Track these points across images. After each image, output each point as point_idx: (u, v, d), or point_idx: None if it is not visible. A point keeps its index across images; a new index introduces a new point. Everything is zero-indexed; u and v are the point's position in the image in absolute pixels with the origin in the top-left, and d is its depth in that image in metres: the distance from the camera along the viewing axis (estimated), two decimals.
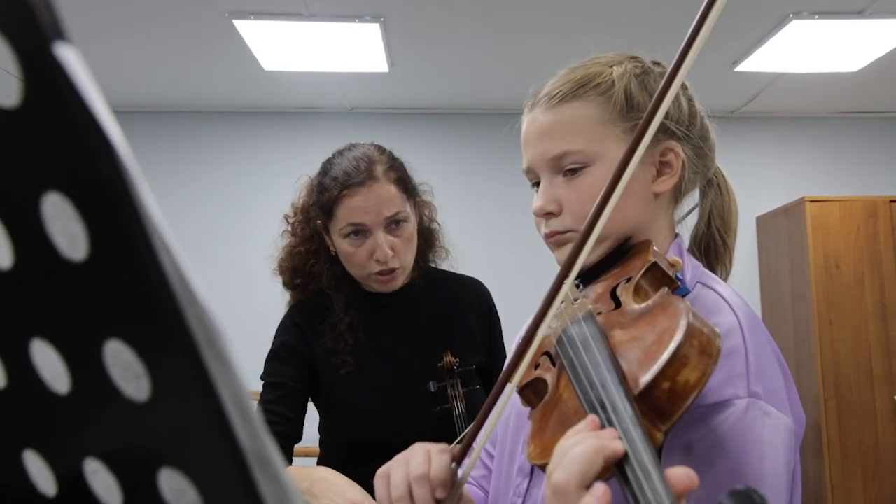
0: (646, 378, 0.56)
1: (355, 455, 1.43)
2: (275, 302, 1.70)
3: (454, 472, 0.76)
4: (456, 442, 0.79)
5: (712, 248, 0.94)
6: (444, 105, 4.42)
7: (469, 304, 1.60)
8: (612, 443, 0.53)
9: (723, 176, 0.95)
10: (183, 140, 4.39)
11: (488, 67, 3.82)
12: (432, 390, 1.41)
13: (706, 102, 0.95)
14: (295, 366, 1.48)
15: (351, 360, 1.46)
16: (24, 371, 0.31)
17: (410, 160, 1.62)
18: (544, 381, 0.70)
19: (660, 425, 0.56)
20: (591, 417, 0.57)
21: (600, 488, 0.51)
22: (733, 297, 0.80)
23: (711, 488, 0.65)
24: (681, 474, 0.50)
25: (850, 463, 3.68)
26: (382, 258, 1.40)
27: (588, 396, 0.59)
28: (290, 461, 1.45)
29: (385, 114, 4.47)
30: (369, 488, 1.30)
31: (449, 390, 1.41)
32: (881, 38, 3.43)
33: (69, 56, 0.20)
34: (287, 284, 1.60)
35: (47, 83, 0.21)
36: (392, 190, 1.42)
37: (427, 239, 1.59)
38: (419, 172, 1.63)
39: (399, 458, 0.79)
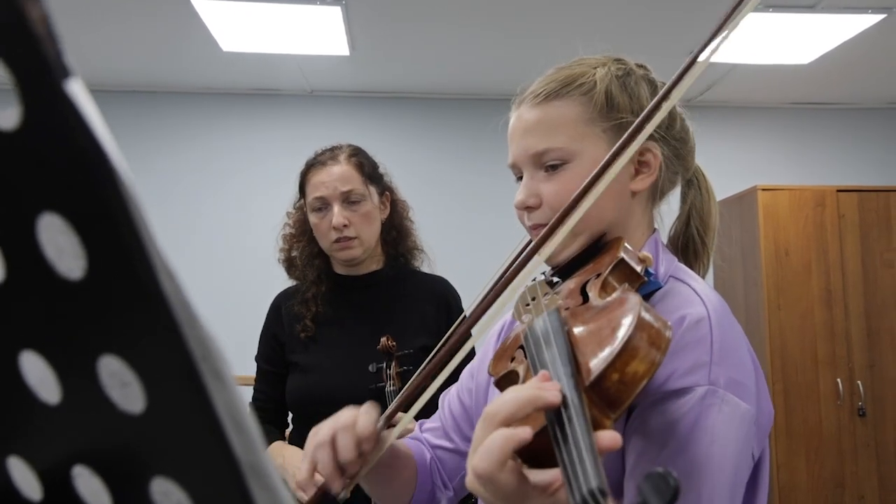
0: (596, 370, 0.59)
1: (304, 416, 1.65)
2: (221, 283, 1.78)
3: (380, 429, 0.80)
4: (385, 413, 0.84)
5: (690, 247, 0.96)
6: (405, 90, 4.40)
7: (427, 295, 1.72)
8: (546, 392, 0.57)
9: (703, 176, 0.97)
10: (139, 120, 4.29)
11: (450, 53, 3.82)
12: (371, 371, 1.55)
13: None
14: (271, 347, 1.71)
15: (311, 326, 1.65)
16: (11, 381, 0.32)
17: (370, 144, 1.77)
18: (517, 373, 0.73)
19: (609, 413, 0.59)
20: (542, 373, 0.62)
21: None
22: (705, 290, 0.82)
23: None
24: (607, 437, 0.54)
25: (795, 443, 3.82)
26: (337, 225, 1.60)
27: None
28: (278, 427, 1.71)
29: (345, 97, 4.43)
30: None
31: (385, 370, 1.53)
32: (831, 32, 3.52)
33: (78, 91, 0.21)
34: (286, 270, 1.80)
35: (53, 113, 0.22)
36: (349, 170, 1.64)
37: (399, 232, 1.76)
38: (378, 157, 1.77)
39: (328, 420, 0.83)
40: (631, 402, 0.59)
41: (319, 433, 0.80)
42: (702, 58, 0.69)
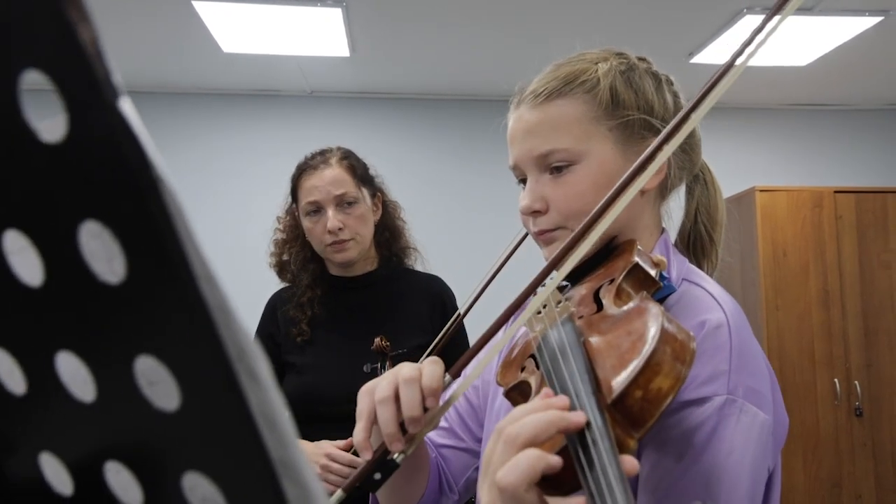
0: (619, 387, 0.55)
1: (299, 416, 1.63)
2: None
3: (447, 383, 0.72)
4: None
5: (699, 244, 0.94)
6: (405, 91, 4.42)
7: (422, 294, 1.73)
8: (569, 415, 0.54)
9: (709, 171, 0.95)
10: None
11: (450, 53, 3.84)
12: (366, 371, 1.55)
13: None
14: (266, 346, 1.69)
15: (307, 330, 1.66)
16: (46, 379, 0.33)
17: (369, 145, 1.77)
18: (529, 384, 0.70)
19: (633, 433, 0.56)
20: (545, 390, 0.59)
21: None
22: (721, 294, 0.80)
23: (678, 479, 0.68)
24: (625, 463, 0.51)
25: (792, 443, 3.84)
26: (332, 228, 1.61)
27: None
28: None
29: (346, 98, 4.45)
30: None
31: (380, 370, 1.54)
32: (829, 34, 3.54)
33: (128, 110, 0.22)
34: (277, 273, 1.80)
35: (102, 131, 0.23)
36: (342, 174, 1.65)
37: (392, 232, 1.77)
38: (378, 158, 1.78)
39: (386, 373, 0.74)
40: (656, 420, 0.55)
41: (379, 388, 0.71)
42: (738, 62, 0.68)
